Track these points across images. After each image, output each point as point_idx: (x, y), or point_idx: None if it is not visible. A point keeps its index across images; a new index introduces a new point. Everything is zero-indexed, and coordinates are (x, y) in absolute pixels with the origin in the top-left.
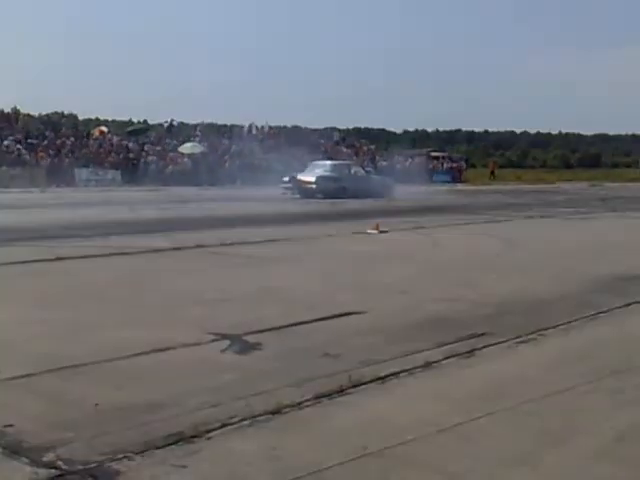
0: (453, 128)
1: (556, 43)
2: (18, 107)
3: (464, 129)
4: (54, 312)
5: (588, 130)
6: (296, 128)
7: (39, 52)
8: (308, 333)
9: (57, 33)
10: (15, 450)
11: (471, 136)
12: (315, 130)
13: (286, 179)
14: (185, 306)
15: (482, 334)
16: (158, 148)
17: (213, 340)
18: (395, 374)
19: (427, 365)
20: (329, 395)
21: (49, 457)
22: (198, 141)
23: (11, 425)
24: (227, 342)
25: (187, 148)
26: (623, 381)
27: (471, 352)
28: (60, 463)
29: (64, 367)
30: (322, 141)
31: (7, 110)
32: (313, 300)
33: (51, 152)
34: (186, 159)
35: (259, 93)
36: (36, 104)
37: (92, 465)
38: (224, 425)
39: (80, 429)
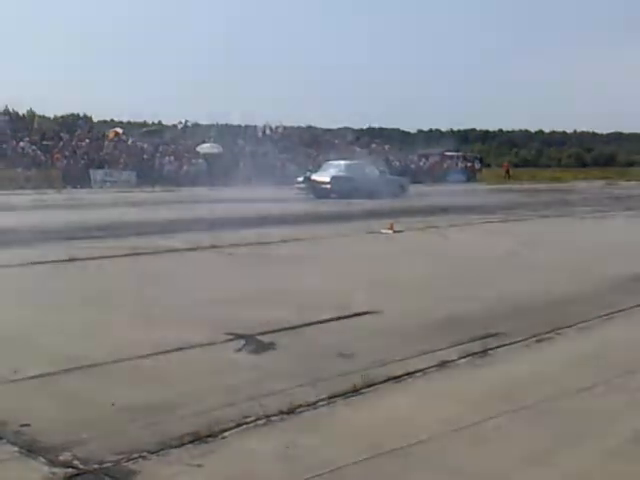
0: (467, 127)
1: (571, 42)
2: (33, 109)
3: (478, 128)
4: (70, 312)
5: (603, 129)
6: (310, 128)
7: (54, 54)
8: (322, 333)
9: (72, 34)
10: (32, 449)
11: (485, 135)
12: (329, 130)
13: (300, 179)
14: (200, 306)
15: (498, 333)
16: (172, 148)
17: (228, 340)
18: (410, 374)
19: (442, 365)
20: (344, 395)
21: (65, 456)
22: (213, 141)
23: (28, 425)
24: (242, 342)
25: (205, 148)
26: (639, 381)
27: (486, 352)
28: (77, 462)
29: (80, 367)
30: (336, 141)
31: (23, 112)
32: (327, 300)
33: (66, 154)
34: (201, 160)
35: (273, 94)
36: (52, 106)
37: (108, 464)
38: (239, 425)
39: (96, 428)
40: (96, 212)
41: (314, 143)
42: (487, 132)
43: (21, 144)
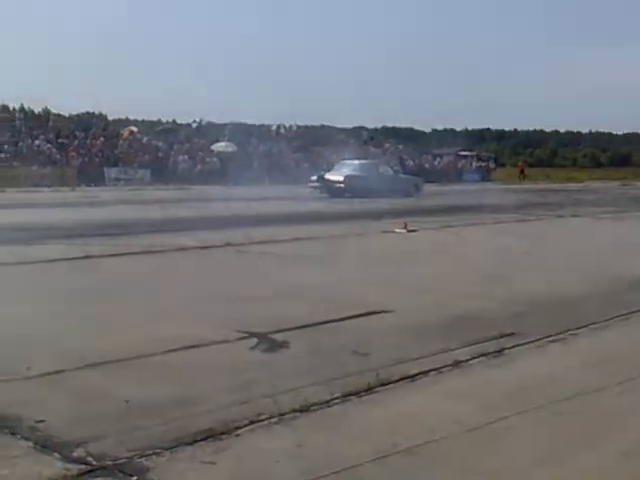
0: (483, 127)
1: (586, 41)
2: (49, 107)
3: (493, 128)
4: (85, 309)
5: (619, 129)
6: (324, 127)
7: (70, 53)
8: (336, 331)
9: (88, 34)
10: (46, 445)
11: (501, 135)
12: (343, 129)
13: (314, 178)
14: (214, 304)
15: (512, 333)
16: (187, 146)
17: (241, 338)
18: (424, 373)
19: (456, 364)
20: (357, 393)
21: (79, 452)
22: (227, 140)
23: (42, 421)
24: (255, 340)
25: (219, 147)
26: None
27: (500, 351)
28: (90, 459)
29: (95, 363)
30: (350, 140)
31: (38, 110)
32: (341, 298)
33: (81, 152)
34: (215, 159)
35: (287, 92)
36: (67, 104)
37: (122, 461)
38: (252, 422)
39: (110, 425)
40: (110, 210)
41: (328, 142)
42: (502, 132)
43: (36, 142)
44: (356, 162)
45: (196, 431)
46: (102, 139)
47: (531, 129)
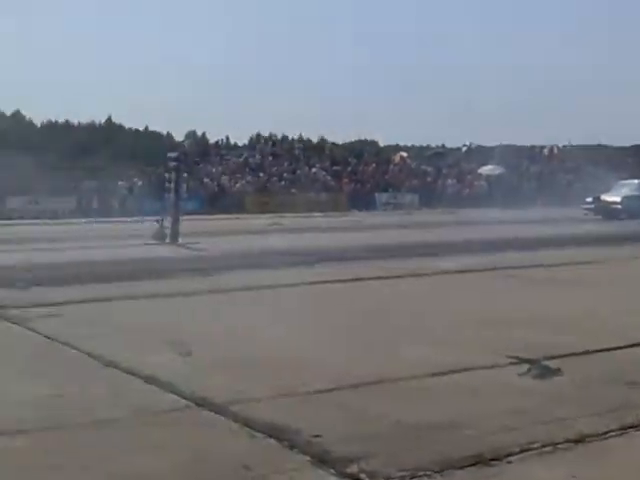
0: None
1: None
2: (325, 137)
3: None
4: (352, 331)
5: None
6: (600, 147)
7: (343, 85)
8: (611, 360)
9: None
10: (322, 460)
11: None
12: (621, 148)
13: (589, 200)
14: (479, 327)
15: None
16: (455, 170)
17: (510, 363)
18: None
19: None
20: (637, 427)
21: (352, 469)
22: (496, 163)
23: (319, 436)
24: (525, 366)
25: (487, 170)
26: None
27: None
28: (363, 475)
29: (365, 383)
30: (629, 160)
31: (315, 140)
32: (616, 325)
33: (353, 178)
34: (482, 182)
35: (558, 112)
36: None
37: None
38: (523, 450)
39: (381, 444)
40: (379, 234)
41: (604, 162)
42: None
43: (313, 170)
44: (635, 182)
45: (465, 455)
46: (373, 165)
47: None
